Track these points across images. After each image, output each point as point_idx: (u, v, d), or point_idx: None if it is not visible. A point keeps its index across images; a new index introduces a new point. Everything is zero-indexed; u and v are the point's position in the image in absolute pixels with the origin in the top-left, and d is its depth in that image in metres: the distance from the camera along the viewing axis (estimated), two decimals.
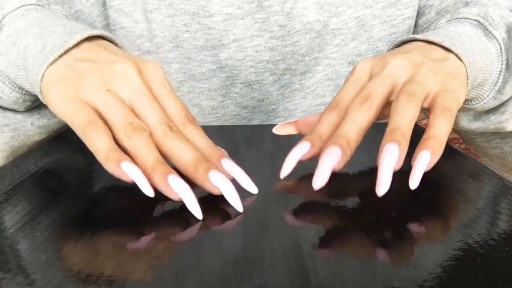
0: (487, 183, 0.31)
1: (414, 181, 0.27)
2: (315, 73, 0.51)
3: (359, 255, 0.22)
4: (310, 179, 0.27)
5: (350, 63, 0.51)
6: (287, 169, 0.30)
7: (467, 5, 0.46)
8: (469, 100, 0.40)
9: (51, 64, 0.31)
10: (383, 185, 0.26)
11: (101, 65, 0.31)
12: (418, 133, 0.29)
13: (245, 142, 0.41)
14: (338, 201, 0.28)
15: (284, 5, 0.47)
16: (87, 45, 0.33)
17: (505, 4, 0.45)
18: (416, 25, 0.51)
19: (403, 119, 0.28)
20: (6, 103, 0.38)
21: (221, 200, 0.27)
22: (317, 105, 0.52)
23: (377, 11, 0.49)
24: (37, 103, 0.41)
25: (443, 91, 0.31)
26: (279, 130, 0.36)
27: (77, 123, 0.28)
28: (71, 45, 0.32)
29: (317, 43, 0.49)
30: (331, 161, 0.27)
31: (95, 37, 0.34)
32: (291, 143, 0.31)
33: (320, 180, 0.27)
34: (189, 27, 0.48)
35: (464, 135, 0.53)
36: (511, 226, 0.25)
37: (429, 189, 0.29)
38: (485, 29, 0.40)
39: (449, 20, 0.42)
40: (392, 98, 0.32)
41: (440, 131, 0.28)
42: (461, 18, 0.41)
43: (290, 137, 0.36)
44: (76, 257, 0.22)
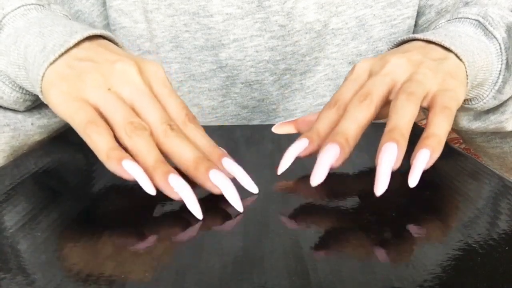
0: (487, 183, 0.31)
1: (413, 179, 0.27)
2: (315, 73, 0.51)
3: (359, 255, 0.22)
4: (310, 179, 0.27)
5: (350, 63, 0.51)
6: (285, 165, 0.30)
7: (467, 4, 0.46)
8: (469, 99, 0.40)
9: (51, 63, 0.31)
10: (381, 185, 0.26)
11: (101, 64, 0.31)
12: (417, 133, 0.29)
13: (245, 142, 0.41)
14: (338, 201, 0.28)
15: (284, 5, 0.47)
16: (87, 44, 0.33)
17: (505, 3, 0.45)
18: (416, 25, 0.51)
19: (402, 118, 0.28)
20: (6, 103, 0.38)
21: (221, 200, 0.27)
22: (317, 105, 0.52)
23: (377, 11, 0.49)
24: (38, 103, 0.41)
25: (442, 91, 0.31)
26: (278, 129, 0.36)
27: (78, 122, 0.28)
28: (71, 45, 0.32)
29: (317, 43, 0.49)
30: (329, 158, 0.27)
31: (96, 36, 0.34)
32: (291, 143, 0.31)
33: (318, 177, 0.27)
34: (189, 27, 0.48)
35: (464, 135, 0.53)
36: (511, 226, 0.25)
37: (429, 189, 0.29)
38: (485, 28, 0.40)
39: (449, 19, 0.42)
40: (391, 97, 0.32)
41: (439, 129, 0.28)
42: (461, 17, 0.41)
43: (290, 137, 0.36)
44: (76, 257, 0.22)
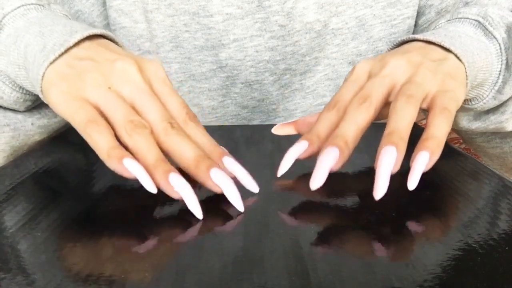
0: (487, 183, 0.31)
1: (412, 182, 0.27)
2: (315, 73, 0.51)
3: (359, 255, 0.22)
4: (309, 179, 0.27)
5: (350, 63, 0.51)
6: (284, 167, 0.30)
7: (467, 5, 0.46)
8: (469, 100, 0.40)
9: (51, 63, 0.31)
10: (380, 188, 0.26)
11: (101, 63, 0.31)
12: (417, 133, 0.29)
13: (245, 142, 0.41)
14: (338, 201, 0.28)
15: (284, 5, 0.47)
16: (87, 44, 0.33)
17: (505, 4, 0.45)
18: (416, 25, 0.51)
19: (401, 121, 0.28)
20: (6, 103, 0.38)
21: (221, 200, 0.27)
22: (317, 105, 0.52)
23: (377, 11, 0.49)
24: (38, 103, 0.41)
25: (442, 92, 0.31)
26: (278, 130, 0.36)
27: (78, 121, 0.28)
28: (71, 44, 0.32)
29: (317, 43, 0.49)
30: (328, 161, 0.27)
31: (96, 36, 0.34)
32: (291, 143, 0.31)
33: (317, 180, 0.27)
34: (189, 27, 0.48)
35: (464, 135, 0.53)
36: (511, 226, 0.25)
37: (429, 189, 0.29)
38: (485, 29, 0.40)
39: (449, 20, 0.42)
40: (390, 98, 0.32)
41: (439, 131, 0.28)
42: (461, 18, 0.41)
43: (290, 137, 0.36)
44: (76, 257, 0.22)
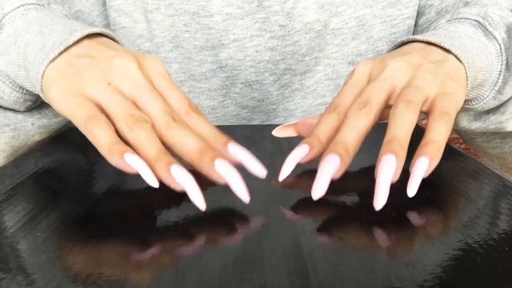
0: (487, 183, 0.31)
1: (412, 189, 0.27)
2: (315, 73, 0.51)
3: (359, 255, 0.22)
4: (310, 179, 0.27)
5: (350, 63, 0.51)
6: (286, 172, 0.30)
7: (467, 5, 0.46)
8: (469, 100, 0.40)
9: (51, 61, 0.31)
10: (380, 198, 0.26)
11: (100, 60, 0.31)
12: (417, 133, 0.29)
13: (245, 142, 0.40)
14: (338, 201, 0.28)
15: (284, 5, 0.47)
16: (87, 42, 0.33)
17: (505, 4, 0.45)
18: (416, 25, 0.51)
19: (400, 127, 0.28)
20: (6, 103, 0.38)
21: (221, 200, 0.27)
22: (317, 105, 0.52)
23: (377, 11, 0.49)
24: (38, 103, 0.41)
25: (442, 94, 0.31)
26: (278, 132, 0.36)
27: (79, 118, 0.28)
28: (71, 43, 0.32)
29: (317, 43, 0.49)
30: (330, 169, 0.27)
31: (96, 34, 0.34)
32: (291, 143, 0.31)
33: (319, 190, 0.27)
34: (189, 27, 0.48)
35: (464, 135, 0.53)
36: (511, 226, 0.25)
37: (429, 189, 0.29)
38: (485, 29, 0.40)
39: (449, 20, 0.42)
40: (391, 102, 0.32)
41: (438, 136, 0.28)
42: (461, 18, 0.41)
43: (290, 138, 0.36)
44: (76, 257, 0.22)
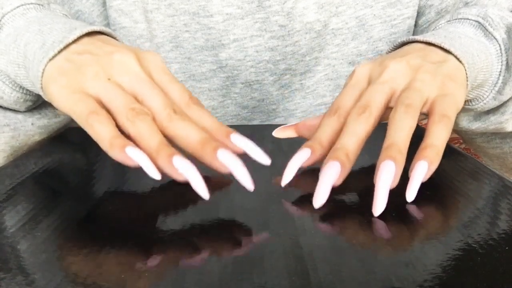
0: (487, 183, 0.31)
1: (411, 193, 0.27)
2: (315, 73, 0.51)
3: (359, 255, 0.22)
4: (310, 179, 0.27)
5: (350, 63, 0.51)
6: (288, 177, 0.30)
7: (467, 5, 0.46)
8: (469, 100, 0.40)
9: (51, 59, 0.31)
10: (379, 205, 0.26)
11: (100, 56, 0.31)
12: (417, 133, 0.29)
13: None
14: (338, 201, 0.28)
15: (284, 5, 0.47)
16: (86, 40, 0.33)
17: (505, 4, 0.45)
18: (416, 25, 0.51)
19: (399, 132, 0.28)
20: (6, 103, 0.38)
21: (221, 200, 0.27)
22: (317, 105, 0.52)
23: (377, 11, 0.49)
24: (38, 103, 0.41)
25: (441, 96, 0.31)
26: (279, 133, 0.36)
27: (79, 113, 0.28)
28: (70, 40, 0.32)
29: (317, 43, 0.49)
30: (331, 176, 0.27)
31: (95, 32, 0.34)
32: (291, 143, 0.31)
33: (320, 198, 0.27)
34: (189, 27, 0.48)
35: (464, 135, 0.53)
36: (511, 226, 0.25)
37: (429, 189, 0.29)
38: (485, 29, 0.40)
39: (449, 20, 0.42)
40: (391, 104, 0.32)
41: (438, 139, 0.28)
42: (461, 18, 0.41)
43: (290, 138, 0.36)
44: (76, 257, 0.22)
